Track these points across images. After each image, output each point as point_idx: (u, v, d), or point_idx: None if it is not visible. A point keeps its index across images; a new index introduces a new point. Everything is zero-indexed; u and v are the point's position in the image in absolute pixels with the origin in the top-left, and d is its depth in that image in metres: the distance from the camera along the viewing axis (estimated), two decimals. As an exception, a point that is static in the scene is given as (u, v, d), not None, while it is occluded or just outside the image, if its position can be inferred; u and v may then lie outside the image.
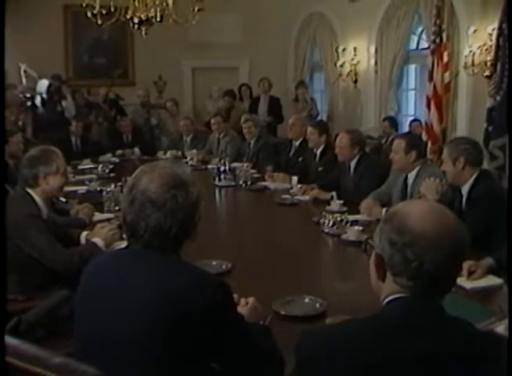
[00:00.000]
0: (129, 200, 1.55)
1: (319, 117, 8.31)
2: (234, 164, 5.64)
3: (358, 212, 3.74)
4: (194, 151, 6.91)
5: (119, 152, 7.38)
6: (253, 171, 5.62)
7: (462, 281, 2.39)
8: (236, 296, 1.98)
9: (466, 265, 2.45)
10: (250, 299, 1.98)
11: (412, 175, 3.81)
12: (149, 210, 1.51)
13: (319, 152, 5.22)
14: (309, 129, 5.25)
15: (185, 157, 6.83)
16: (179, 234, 1.54)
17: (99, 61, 9.40)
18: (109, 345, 1.46)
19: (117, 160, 6.96)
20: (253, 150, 6.35)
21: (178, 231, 1.53)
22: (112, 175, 5.69)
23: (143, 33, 5.51)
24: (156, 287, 1.46)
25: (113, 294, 1.49)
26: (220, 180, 5.19)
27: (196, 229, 1.61)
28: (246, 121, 6.46)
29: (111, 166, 6.09)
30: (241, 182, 5.10)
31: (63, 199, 3.80)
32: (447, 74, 5.81)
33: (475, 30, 5.66)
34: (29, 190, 2.85)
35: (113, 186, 4.08)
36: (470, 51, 5.73)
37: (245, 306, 1.93)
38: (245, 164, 5.57)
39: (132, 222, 1.54)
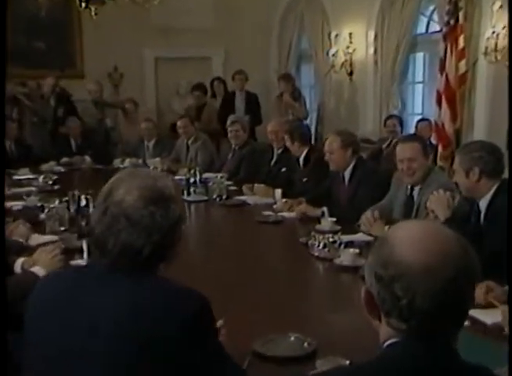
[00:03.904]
0: (102, 209, 1.63)
1: (308, 120, 8.34)
2: (206, 175, 5.64)
3: (353, 232, 3.76)
4: (158, 159, 6.94)
5: (65, 160, 7.36)
6: (229, 182, 5.63)
7: (481, 315, 2.37)
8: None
9: (484, 286, 2.46)
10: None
11: (417, 186, 3.84)
12: (122, 225, 1.60)
13: (302, 158, 5.27)
14: (285, 137, 5.35)
15: (147, 166, 6.82)
16: (151, 257, 1.63)
17: (36, 45, 9.21)
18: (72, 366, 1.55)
19: (62, 169, 6.96)
20: (236, 157, 6.35)
21: (150, 253, 1.61)
22: (56, 187, 5.66)
23: (93, 13, 5.48)
24: (125, 304, 1.54)
25: (72, 316, 1.57)
26: (189, 194, 5.20)
27: (173, 251, 1.71)
28: (233, 122, 6.46)
29: (55, 177, 6.07)
30: (215, 196, 5.13)
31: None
32: (463, 63, 5.80)
33: (501, 6, 5.49)
34: None
35: (57, 201, 4.05)
36: (494, 32, 5.60)
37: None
38: (219, 175, 5.57)
39: (101, 235, 1.62)
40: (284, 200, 4.74)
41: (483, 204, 3.13)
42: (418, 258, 1.23)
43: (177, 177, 6.12)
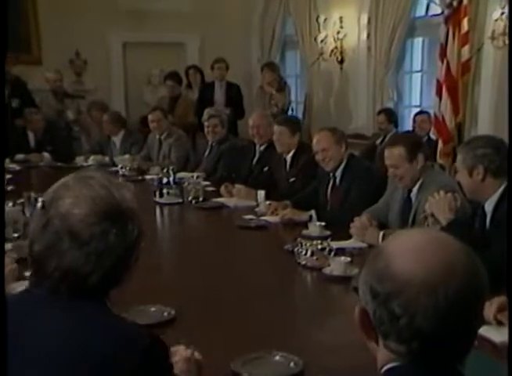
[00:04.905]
0: (42, 223, 1.51)
1: (289, 111, 8.34)
2: (181, 174, 5.63)
3: (344, 237, 3.76)
4: (127, 156, 6.91)
5: (20, 156, 7.33)
6: (206, 183, 5.62)
7: (489, 332, 2.35)
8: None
9: (495, 302, 2.45)
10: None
11: (415, 187, 3.84)
12: (66, 244, 1.48)
13: (289, 157, 5.25)
14: (277, 128, 5.27)
15: (115, 165, 6.78)
16: (100, 284, 1.52)
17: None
18: None
19: (17, 167, 6.91)
20: (214, 155, 6.34)
21: (100, 280, 1.51)
22: (10, 188, 5.58)
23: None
24: (65, 346, 1.45)
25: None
26: (162, 195, 5.18)
27: (128, 275, 1.59)
28: (210, 117, 6.45)
29: (8, 176, 6.03)
30: (190, 198, 5.12)
31: None
32: (466, 49, 5.82)
33: (511, -16, 5.46)
34: None
35: (10, 204, 4.01)
36: (503, 13, 5.57)
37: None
38: (195, 174, 5.54)
39: (40, 254, 1.51)
40: (268, 202, 4.73)
41: (489, 206, 3.14)
42: (418, 271, 1.21)
43: (148, 176, 6.11)
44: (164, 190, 5.19)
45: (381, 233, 3.57)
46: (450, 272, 1.21)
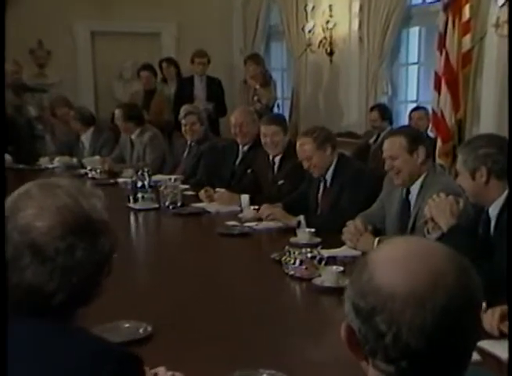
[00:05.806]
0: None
1: (275, 107, 8.36)
2: (157, 177, 5.64)
3: (336, 245, 3.77)
4: (97, 158, 6.91)
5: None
6: (184, 186, 5.63)
7: (494, 347, 2.36)
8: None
9: (497, 312, 2.46)
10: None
11: (414, 188, 3.85)
12: (27, 259, 1.45)
13: (278, 159, 5.27)
14: (268, 129, 5.24)
15: (84, 167, 6.76)
16: (67, 303, 1.51)
17: None
18: None
19: (-28, 171, 6.85)
20: (193, 155, 6.35)
21: (66, 298, 1.49)
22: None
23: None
24: (33, 363, 1.44)
25: None
26: (136, 200, 5.18)
27: (97, 292, 1.58)
28: (187, 114, 6.45)
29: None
30: (167, 203, 5.12)
31: None
32: (467, 38, 5.82)
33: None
34: None
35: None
36: None
37: None
38: (173, 177, 5.54)
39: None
40: (252, 207, 4.74)
41: (493, 211, 3.13)
42: (401, 284, 1.20)
43: (121, 180, 6.08)
44: (139, 195, 5.17)
45: (376, 240, 3.58)
46: (438, 284, 1.20)
